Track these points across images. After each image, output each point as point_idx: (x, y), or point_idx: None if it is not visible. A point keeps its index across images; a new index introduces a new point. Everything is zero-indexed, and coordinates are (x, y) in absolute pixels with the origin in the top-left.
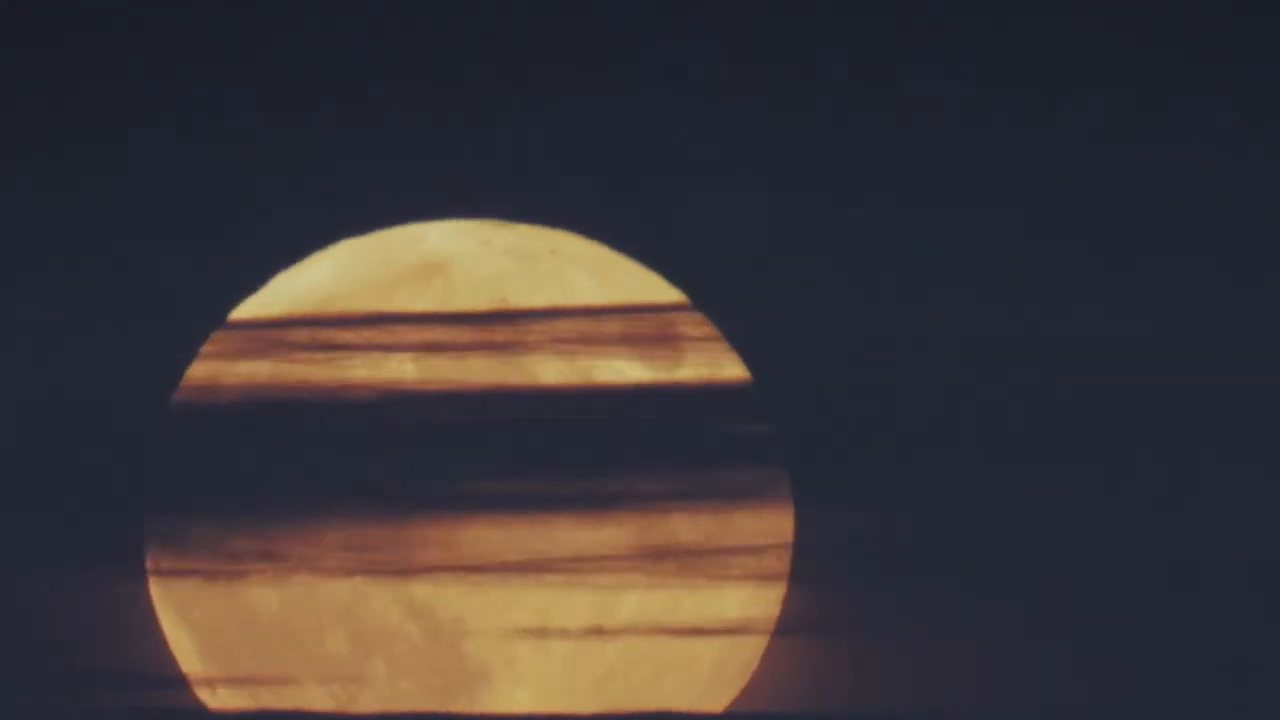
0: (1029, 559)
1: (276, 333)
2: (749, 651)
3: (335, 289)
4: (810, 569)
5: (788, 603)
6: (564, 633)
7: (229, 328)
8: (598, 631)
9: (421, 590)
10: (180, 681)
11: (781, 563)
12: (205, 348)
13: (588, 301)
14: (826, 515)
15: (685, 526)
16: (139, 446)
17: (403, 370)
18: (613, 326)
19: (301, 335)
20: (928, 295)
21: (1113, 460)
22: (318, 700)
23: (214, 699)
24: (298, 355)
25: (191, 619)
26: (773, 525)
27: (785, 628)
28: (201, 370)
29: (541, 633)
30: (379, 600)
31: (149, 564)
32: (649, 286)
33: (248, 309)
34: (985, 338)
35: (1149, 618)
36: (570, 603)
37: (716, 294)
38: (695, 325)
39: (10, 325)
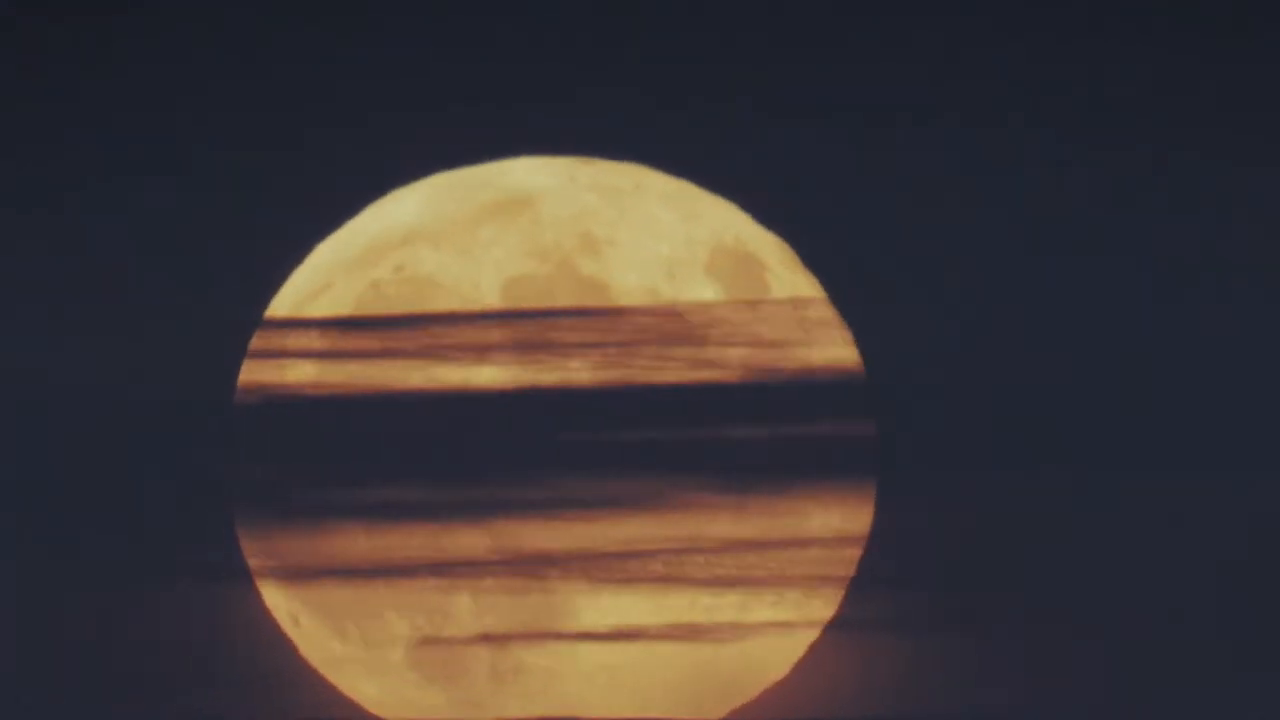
0: (1112, 567)
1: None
2: (796, 649)
3: (420, 225)
4: (879, 567)
5: (846, 602)
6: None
7: (270, 326)
8: (687, 632)
9: (507, 526)
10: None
11: (847, 560)
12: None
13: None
14: (905, 512)
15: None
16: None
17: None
18: (741, 315)
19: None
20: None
21: (1217, 473)
22: (403, 631)
23: (299, 631)
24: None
25: (287, 580)
26: (846, 521)
27: (839, 625)
28: (259, 371)
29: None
30: (466, 536)
31: (243, 546)
32: (734, 223)
33: (329, 248)
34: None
35: (1243, 630)
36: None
37: (805, 235)
38: (820, 311)
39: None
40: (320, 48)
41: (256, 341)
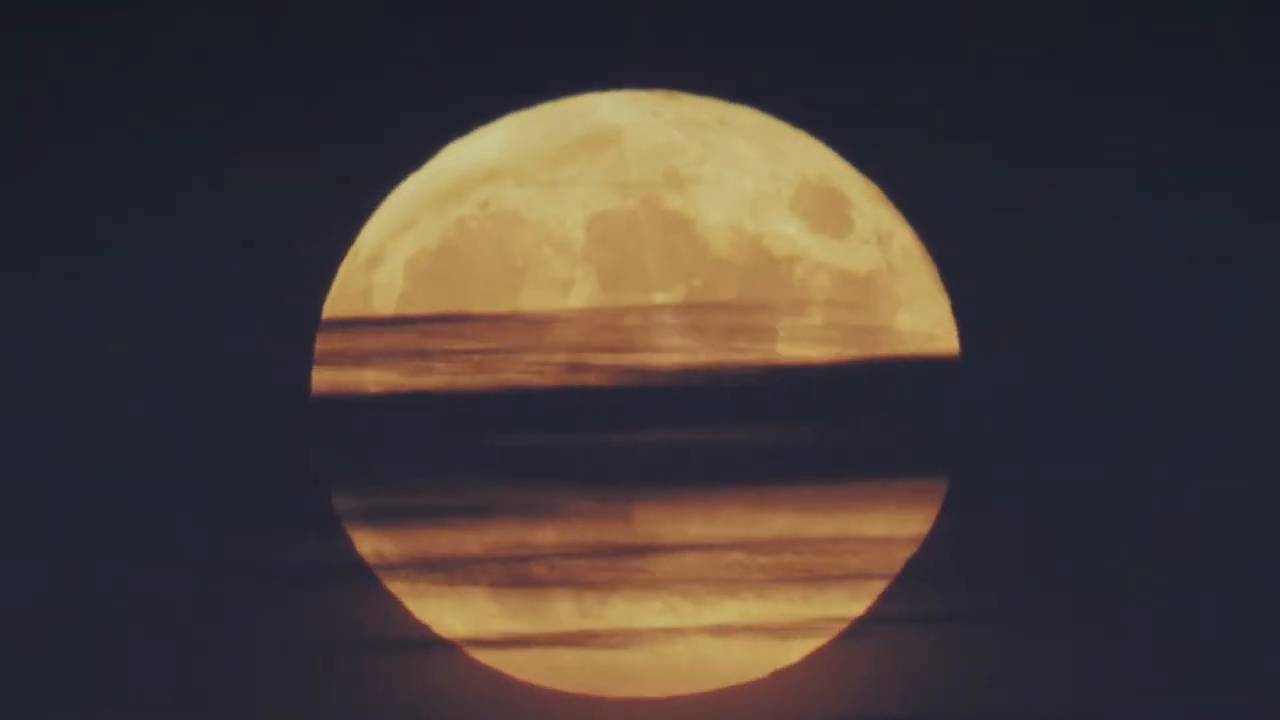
0: (1188, 564)
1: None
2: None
3: (504, 161)
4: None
5: (886, 598)
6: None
7: (333, 327)
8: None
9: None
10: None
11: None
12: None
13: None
14: (971, 512)
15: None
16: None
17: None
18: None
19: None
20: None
21: None
22: (490, 569)
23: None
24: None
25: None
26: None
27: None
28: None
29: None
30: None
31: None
32: (819, 158)
33: (414, 186)
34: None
35: None
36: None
37: (890, 174)
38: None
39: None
40: None
41: (322, 344)
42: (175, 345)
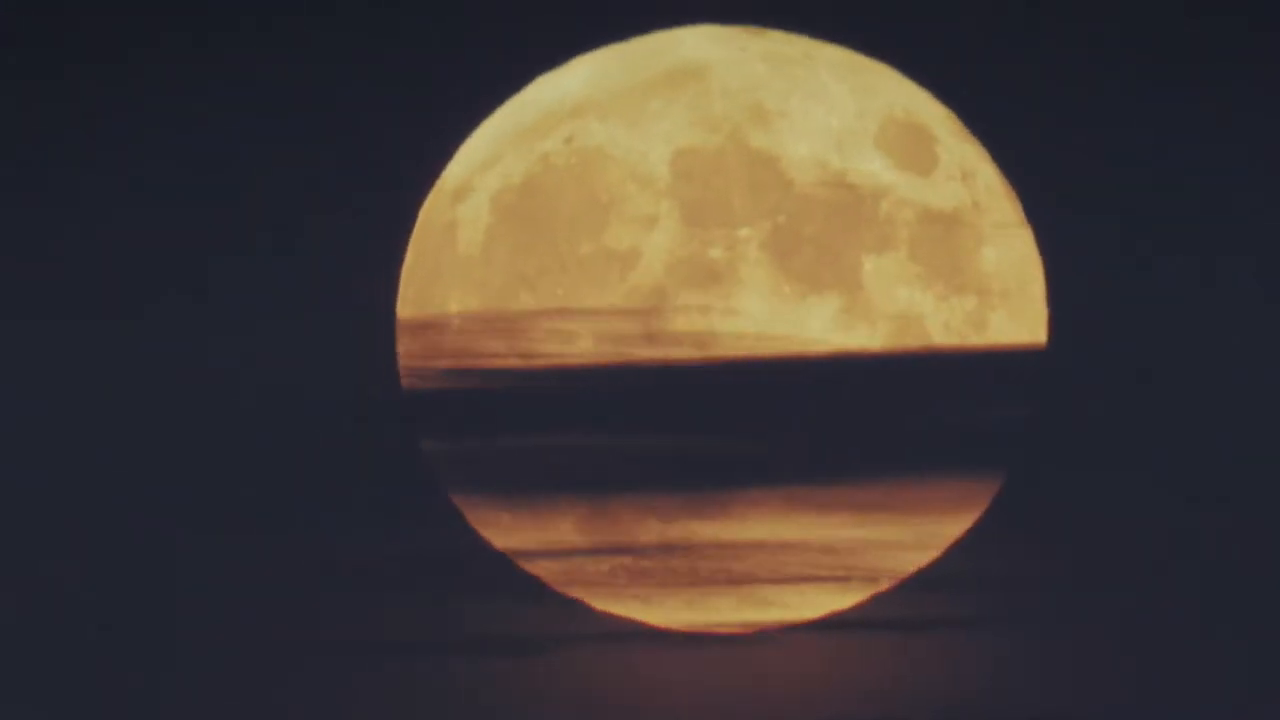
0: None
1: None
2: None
3: (588, 96)
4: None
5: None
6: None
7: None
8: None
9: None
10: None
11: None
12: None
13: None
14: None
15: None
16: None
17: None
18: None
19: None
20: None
21: None
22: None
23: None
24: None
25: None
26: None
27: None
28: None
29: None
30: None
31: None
32: (904, 94)
33: (498, 122)
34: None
35: None
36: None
37: (975, 109)
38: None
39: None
40: None
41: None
42: (259, 288)
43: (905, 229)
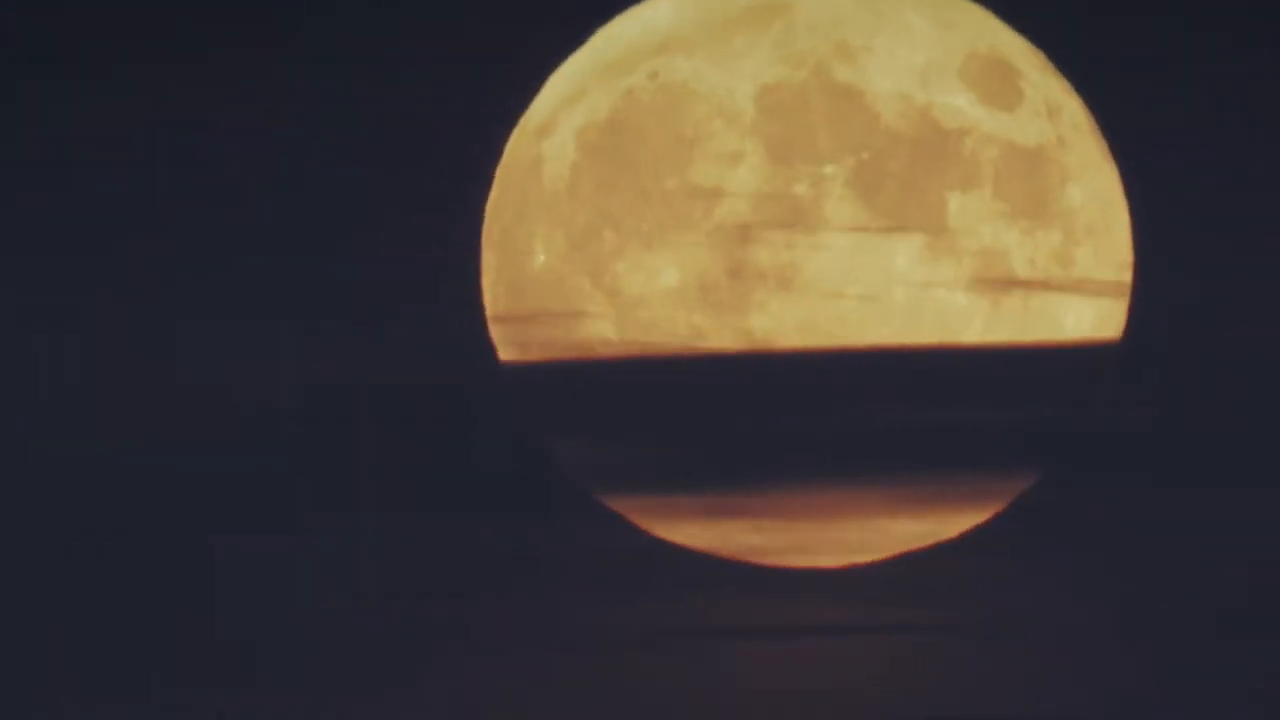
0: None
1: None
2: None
3: (673, 31)
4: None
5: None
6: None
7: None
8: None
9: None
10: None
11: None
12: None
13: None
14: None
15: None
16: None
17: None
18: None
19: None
20: None
21: None
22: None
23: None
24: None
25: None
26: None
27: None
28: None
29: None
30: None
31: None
32: (988, 29)
33: (583, 57)
34: None
35: None
36: None
37: (1061, 45)
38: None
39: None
40: None
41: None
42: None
43: (990, 166)
